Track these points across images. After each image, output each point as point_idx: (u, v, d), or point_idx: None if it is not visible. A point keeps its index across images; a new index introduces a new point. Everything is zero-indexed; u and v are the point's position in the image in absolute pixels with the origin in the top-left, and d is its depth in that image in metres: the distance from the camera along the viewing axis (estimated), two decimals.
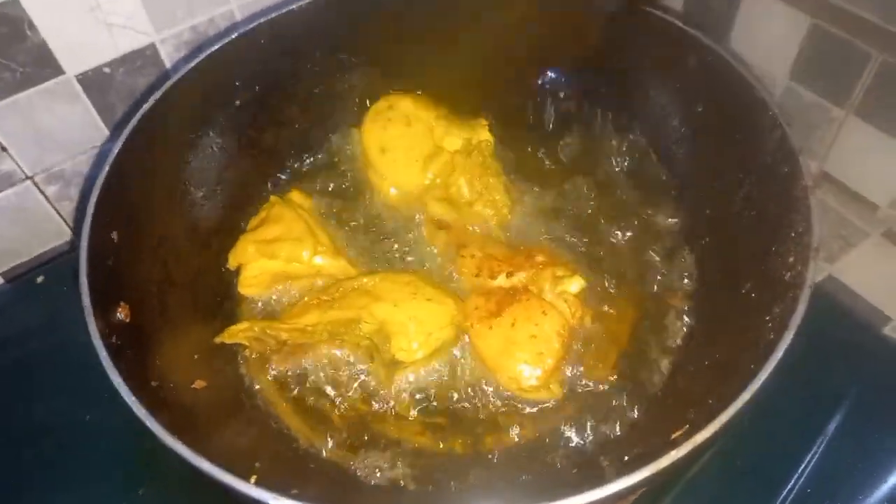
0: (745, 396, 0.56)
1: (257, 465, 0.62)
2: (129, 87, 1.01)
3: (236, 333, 0.81)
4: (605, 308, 0.88)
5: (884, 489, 0.80)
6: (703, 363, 0.76)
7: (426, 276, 0.90)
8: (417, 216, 0.98)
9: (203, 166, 0.93)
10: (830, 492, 0.80)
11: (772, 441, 0.83)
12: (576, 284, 0.82)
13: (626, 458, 0.60)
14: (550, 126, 1.09)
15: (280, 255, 0.89)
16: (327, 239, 0.93)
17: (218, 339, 0.80)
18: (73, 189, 1.07)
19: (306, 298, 0.88)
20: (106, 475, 0.85)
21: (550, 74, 1.07)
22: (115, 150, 0.77)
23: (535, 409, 0.80)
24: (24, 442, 0.88)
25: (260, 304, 0.91)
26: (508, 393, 0.81)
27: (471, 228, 0.95)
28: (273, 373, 0.83)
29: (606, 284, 0.90)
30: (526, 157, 1.05)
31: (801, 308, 0.62)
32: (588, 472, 0.71)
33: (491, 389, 0.82)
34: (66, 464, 0.86)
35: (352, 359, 0.83)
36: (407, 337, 0.81)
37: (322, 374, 0.83)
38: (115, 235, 0.75)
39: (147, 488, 0.83)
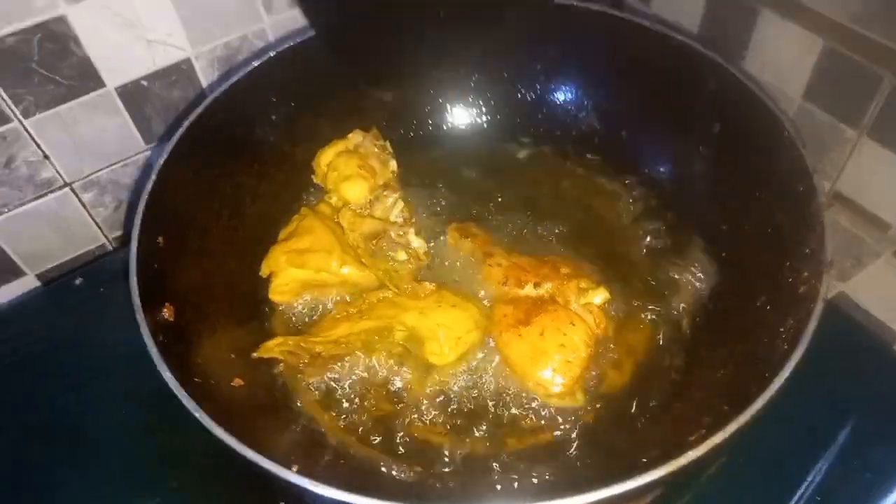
0: (762, 401, 0.57)
1: (292, 457, 0.64)
2: (163, 100, 1.05)
3: (272, 348, 0.83)
4: (623, 318, 0.90)
5: (890, 502, 0.81)
6: (717, 373, 0.78)
7: (446, 286, 0.92)
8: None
9: (240, 178, 0.96)
10: None
11: (780, 454, 0.84)
12: (600, 296, 0.84)
13: (644, 459, 0.62)
14: (568, 144, 1.11)
15: (310, 265, 0.91)
16: (355, 250, 0.95)
17: (255, 355, 0.82)
18: (108, 196, 1.11)
19: (334, 312, 0.90)
20: (134, 473, 0.87)
21: (565, 94, 1.10)
22: (162, 159, 0.80)
23: (554, 413, 0.82)
24: (56, 439, 0.90)
25: (290, 309, 0.94)
26: (531, 397, 0.83)
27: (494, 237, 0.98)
28: (307, 382, 0.85)
29: (623, 299, 0.91)
30: (542, 175, 1.09)
31: (815, 319, 0.63)
32: (605, 471, 0.72)
33: (513, 393, 0.83)
34: (95, 462, 0.88)
35: (384, 364, 0.85)
36: (438, 341, 0.83)
37: (354, 379, 0.85)
38: (160, 240, 0.78)
39: (174, 483, 0.85)
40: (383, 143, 1.04)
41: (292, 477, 0.55)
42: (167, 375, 0.61)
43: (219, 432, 0.57)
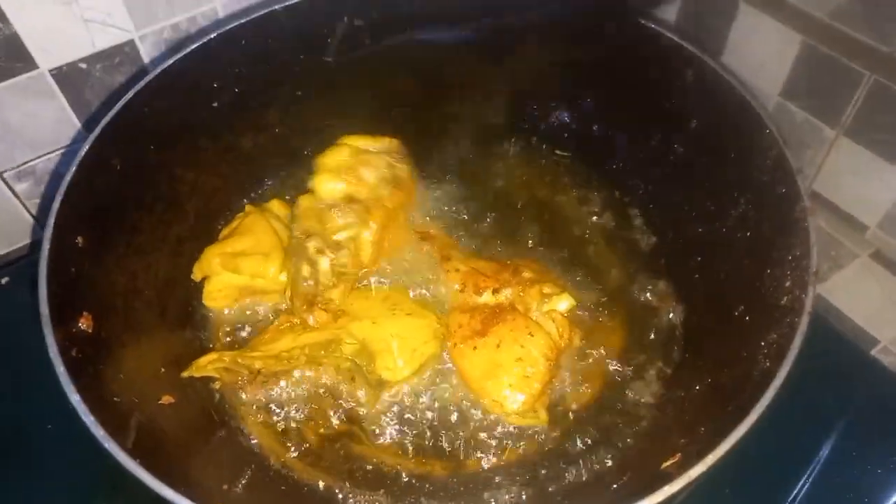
0: (743, 429, 0.54)
1: (225, 487, 0.59)
2: (106, 85, 0.99)
3: (204, 366, 0.78)
4: (591, 327, 0.86)
5: None
6: (693, 388, 0.74)
7: (401, 290, 0.88)
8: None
9: (177, 170, 0.90)
10: None
11: (763, 465, 0.81)
12: (564, 303, 0.80)
13: (615, 486, 0.57)
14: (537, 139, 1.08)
15: (244, 269, 0.86)
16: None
17: (186, 374, 0.77)
18: (45, 187, 1.04)
19: (276, 323, 0.85)
20: (68, 488, 0.82)
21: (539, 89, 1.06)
22: (84, 149, 0.74)
23: (518, 432, 0.78)
24: None
25: (230, 316, 0.89)
26: (492, 415, 0.79)
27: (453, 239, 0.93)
28: (247, 399, 0.80)
29: (593, 306, 0.88)
30: (509, 171, 1.05)
31: (800, 336, 0.60)
32: (572, 499, 0.68)
33: (474, 411, 0.80)
34: (25, 476, 0.82)
35: (331, 381, 0.80)
36: (391, 355, 0.78)
37: (299, 398, 0.80)
38: (80, 240, 0.72)
39: (110, 502, 0.80)
40: (393, 161, 0.94)
41: None
42: (74, 399, 0.55)
43: (129, 464, 0.51)
